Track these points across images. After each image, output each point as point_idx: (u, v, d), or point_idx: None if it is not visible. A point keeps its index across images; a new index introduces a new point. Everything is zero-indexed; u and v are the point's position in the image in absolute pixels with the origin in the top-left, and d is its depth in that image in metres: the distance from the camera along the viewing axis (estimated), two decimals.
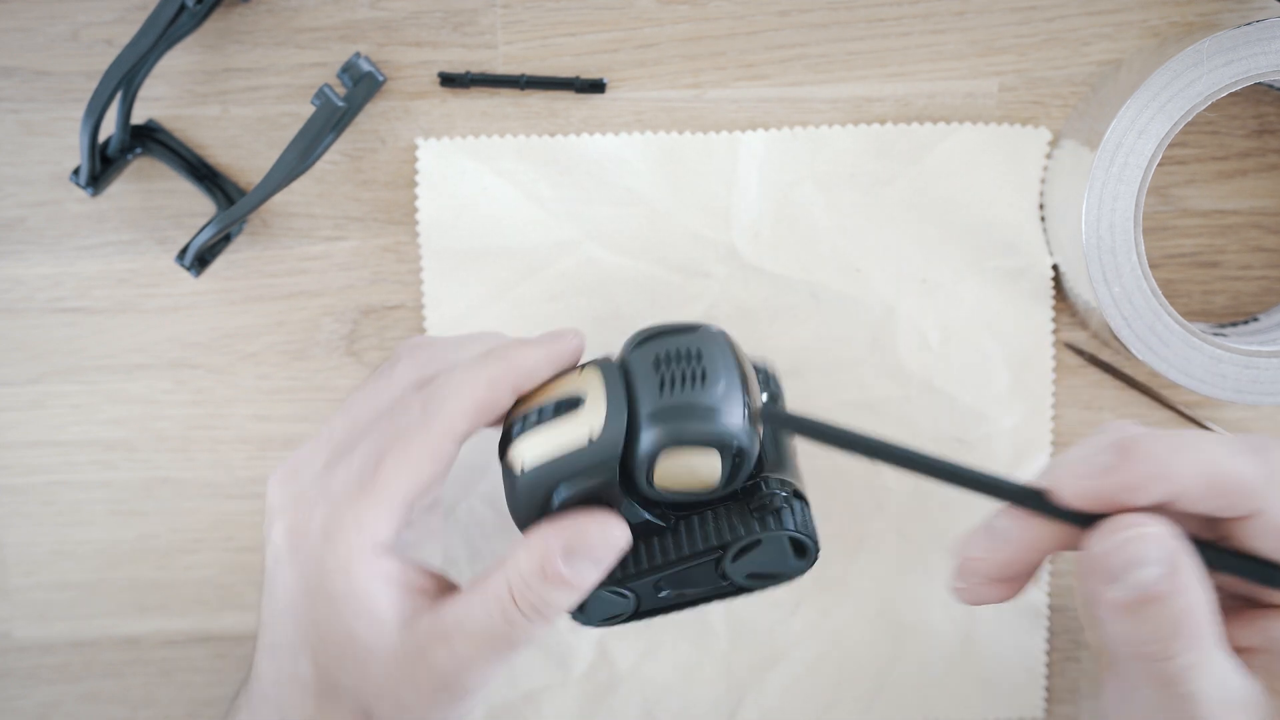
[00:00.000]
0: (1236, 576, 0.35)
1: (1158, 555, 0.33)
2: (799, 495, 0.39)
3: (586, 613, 0.40)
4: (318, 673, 0.39)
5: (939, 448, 0.49)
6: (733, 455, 0.36)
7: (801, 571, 0.39)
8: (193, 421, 0.51)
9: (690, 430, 0.36)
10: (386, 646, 0.38)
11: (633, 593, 0.39)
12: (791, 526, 0.38)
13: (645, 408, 0.36)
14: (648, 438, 0.36)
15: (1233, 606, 0.37)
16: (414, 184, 0.49)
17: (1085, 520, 0.34)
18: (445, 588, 0.40)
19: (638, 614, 0.40)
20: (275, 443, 0.51)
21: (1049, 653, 0.51)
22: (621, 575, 0.39)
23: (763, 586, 0.40)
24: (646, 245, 0.49)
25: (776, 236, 0.49)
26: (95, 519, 0.52)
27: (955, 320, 0.49)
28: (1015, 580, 0.37)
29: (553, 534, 0.38)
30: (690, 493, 0.37)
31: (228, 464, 0.51)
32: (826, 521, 0.50)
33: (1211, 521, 0.36)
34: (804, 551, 0.39)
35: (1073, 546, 0.35)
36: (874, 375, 0.49)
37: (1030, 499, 0.34)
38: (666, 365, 0.37)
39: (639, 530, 0.38)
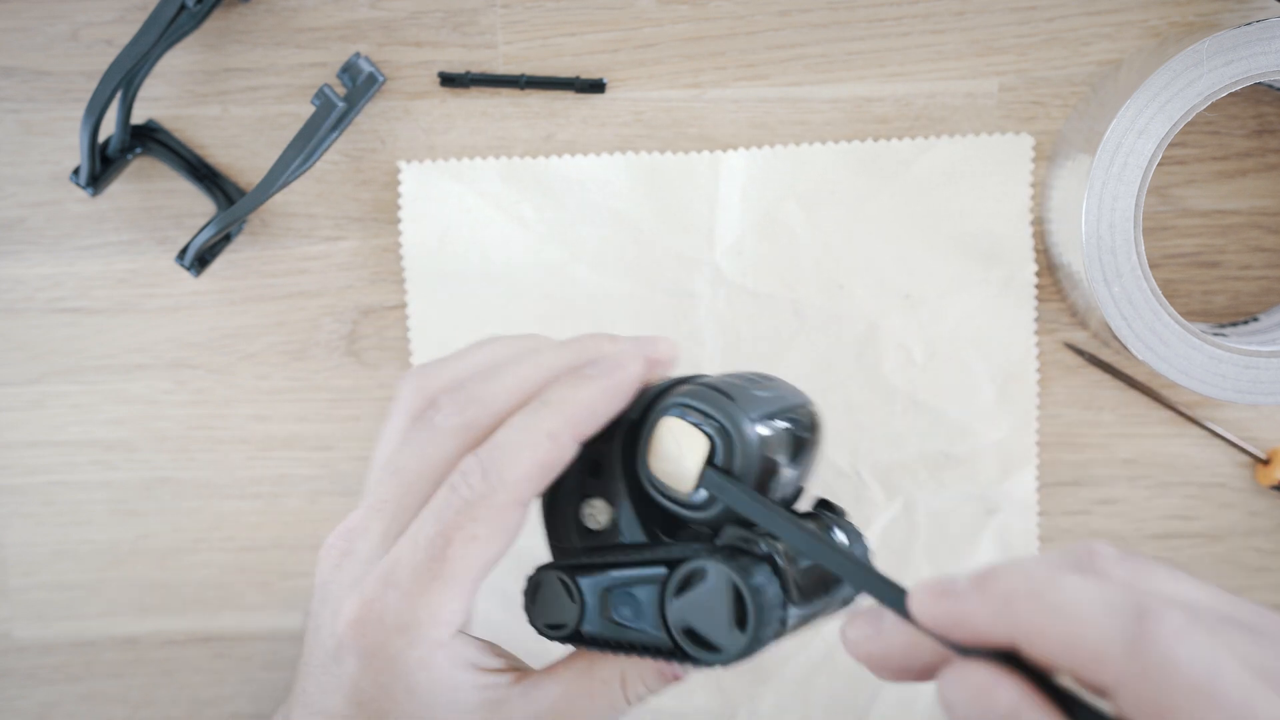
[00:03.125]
0: None
1: (1000, 711, 0.28)
2: (781, 570, 0.34)
3: (535, 603, 0.38)
4: None
5: (926, 462, 0.49)
6: (722, 441, 0.34)
7: (733, 652, 0.33)
8: (193, 421, 0.51)
9: (691, 400, 0.34)
10: None
11: (580, 597, 0.37)
12: (738, 572, 0.33)
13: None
14: (659, 407, 0.35)
15: None
16: (397, 207, 0.49)
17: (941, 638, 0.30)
18: (515, 664, 0.40)
19: (578, 634, 0.38)
20: (275, 443, 0.51)
21: None
22: (579, 562, 0.37)
23: (695, 659, 0.35)
24: (631, 266, 0.49)
25: (759, 255, 0.49)
26: (95, 519, 0.52)
27: (939, 334, 0.49)
28: (897, 671, 0.32)
29: None
30: (675, 489, 0.35)
31: (228, 464, 0.51)
32: None
33: None
34: (743, 619, 0.33)
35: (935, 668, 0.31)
36: (859, 391, 0.49)
37: (889, 597, 0.31)
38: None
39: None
